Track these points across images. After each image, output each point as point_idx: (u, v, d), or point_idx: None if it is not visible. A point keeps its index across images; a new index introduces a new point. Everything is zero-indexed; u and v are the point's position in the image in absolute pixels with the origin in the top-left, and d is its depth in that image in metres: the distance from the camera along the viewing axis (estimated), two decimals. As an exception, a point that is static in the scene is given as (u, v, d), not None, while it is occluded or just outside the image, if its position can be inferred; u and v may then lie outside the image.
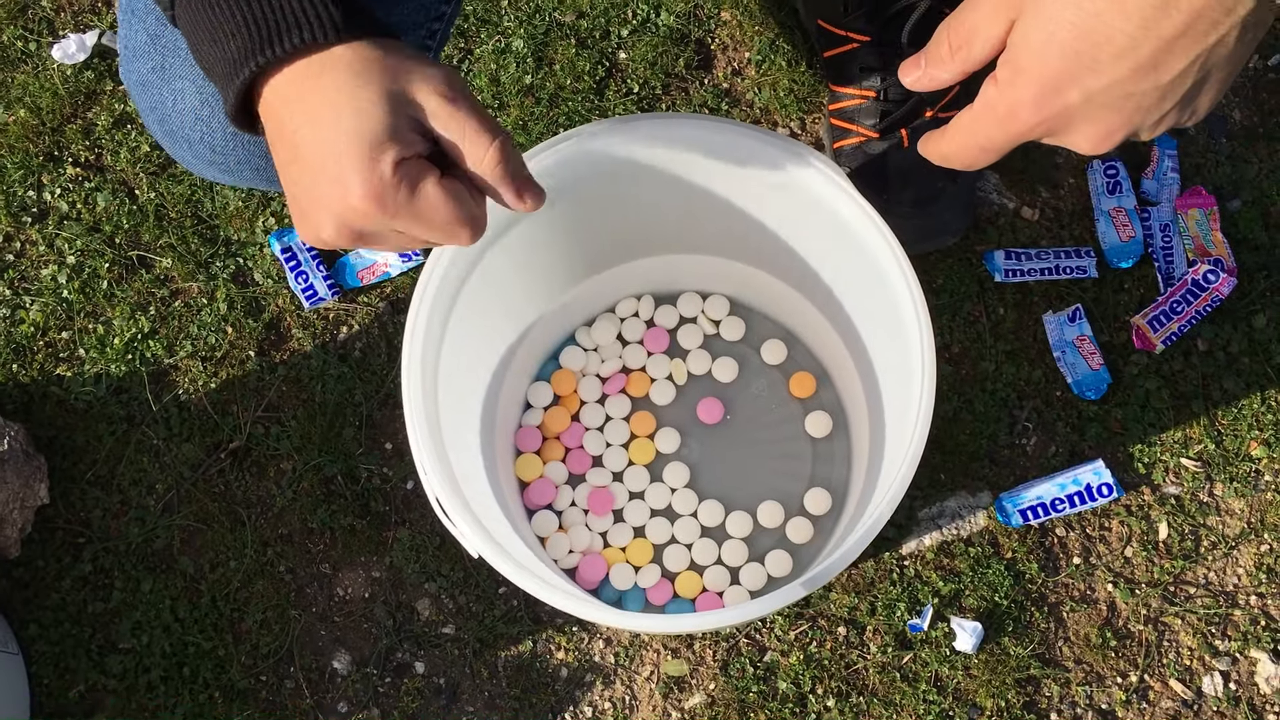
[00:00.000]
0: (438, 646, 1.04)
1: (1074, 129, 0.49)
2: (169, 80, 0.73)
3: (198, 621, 1.05)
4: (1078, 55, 0.46)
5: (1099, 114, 0.48)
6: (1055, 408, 1.08)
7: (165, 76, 0.73)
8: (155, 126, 0.77)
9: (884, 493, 0.77)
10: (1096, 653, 1.03)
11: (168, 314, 1.12)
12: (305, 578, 1.06)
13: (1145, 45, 0.45)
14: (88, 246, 1.13)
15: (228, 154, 0.76)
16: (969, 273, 1.11)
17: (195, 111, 0.74)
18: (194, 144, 0.76)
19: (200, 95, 0.73)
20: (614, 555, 1.04)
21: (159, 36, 0.73)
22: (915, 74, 0.54)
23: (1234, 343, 1.08)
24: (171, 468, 1.08)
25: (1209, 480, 1.06)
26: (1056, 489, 1.04)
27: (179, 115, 0.74)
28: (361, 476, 1.08)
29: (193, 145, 0.76)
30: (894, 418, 0.92)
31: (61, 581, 1.06)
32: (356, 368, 1.10)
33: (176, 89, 0.73)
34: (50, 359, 1.11)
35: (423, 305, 0.82)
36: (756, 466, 1.06)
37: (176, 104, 0.74)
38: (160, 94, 0.74)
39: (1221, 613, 1.04)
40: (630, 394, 1.08)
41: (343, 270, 1.12)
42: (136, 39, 0.74)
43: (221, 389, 1.10)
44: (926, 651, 1.03)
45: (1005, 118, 0.50)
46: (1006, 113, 0.49)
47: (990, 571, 1.04)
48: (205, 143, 0.75)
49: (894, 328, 0.85)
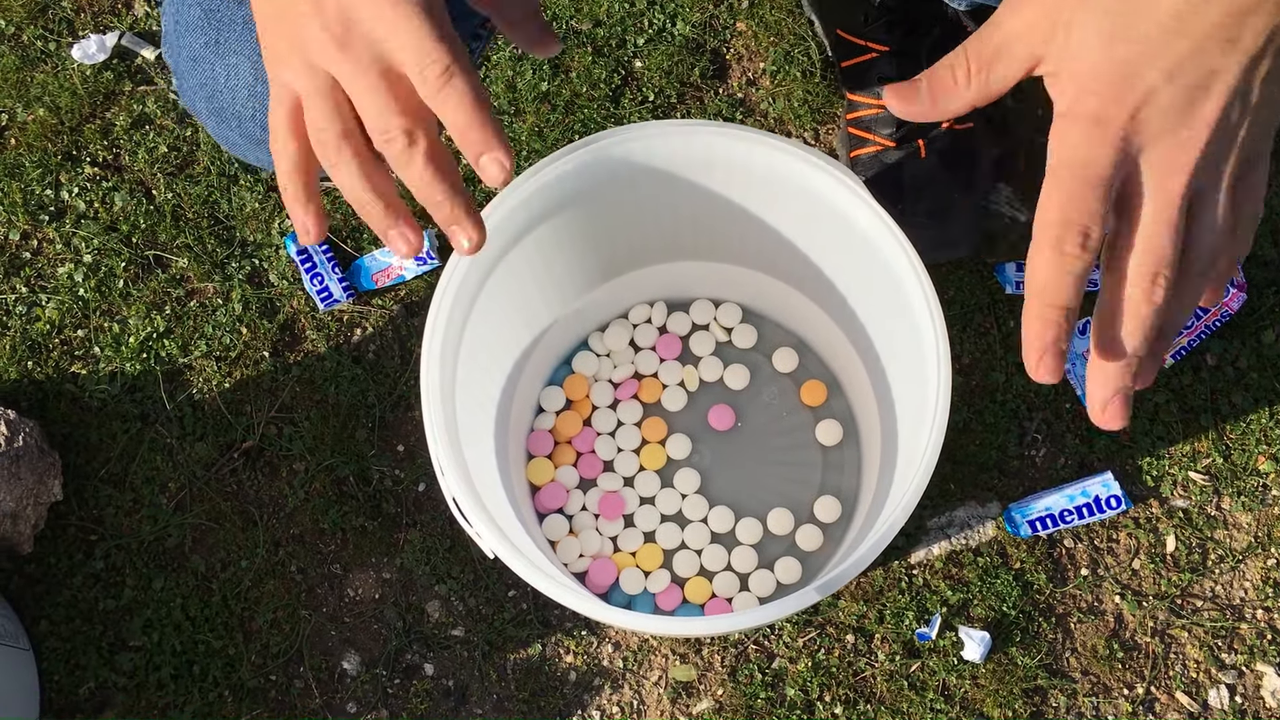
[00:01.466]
0: (447, 648, 1.05)
1: (1161, 130, 0.43)
2: (223, 55, 0.72)
3: (208, 620, 1.05)
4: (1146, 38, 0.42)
5: (1183, 101, 0.43)
6: (1064, 419, 1.09)
7: (219, 51, 0.72)
8: (202, 104, 0.75)
9: (897, 501, 0.78)
10: (1104, 664, 1.03)
11: (183, 313, 1.13)
12: (316, 578, 1.06)
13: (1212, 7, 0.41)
14: (104, 245, 1.14)
15: None
16: (980, 284, 1.11)
17: (250, 87, 0.72)
18: (244, 121, 0.74)
19: (255, 71, 0.72)
20: (624, 560, 1.04)
21: (215, 11, 0.72)
22: (914, 106, 0.48)
23: (1243, 358, 1.09)
24: (184, 466, 1.08)
25: (1217, 494, 1.07)
26: (1065, 500, 1.05)
27: (231, 91, 0.73)
28: (374, 478, 1.08)
29: (243, 123, 0.74)
30: (906, 427, 0.92)
31: (73, 578, 1.06)
32: (370, 370, 1.11)
33: (230, 64, 0.72)
34: (65, 357, 1.12)
35: (442, 307, 0.82)
36: (767, 473, 1.07)
37: (230, 79, 0.73)
38: (213, 69, 0.73)
39: (1228, 626, 1.04)
40: (642, 400, 1.09)
41: (358, 273, 1.12)
42: (189, 14, 0.73)
43: (235, 389, 1.10)
44: (934, 660, 1.03)
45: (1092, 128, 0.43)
46: (1092, 121, 0.43)
47: (998, 582, 1.04)
48: (256, 120, 0.74)
49: (908, 337, 0.86)
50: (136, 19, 1.21)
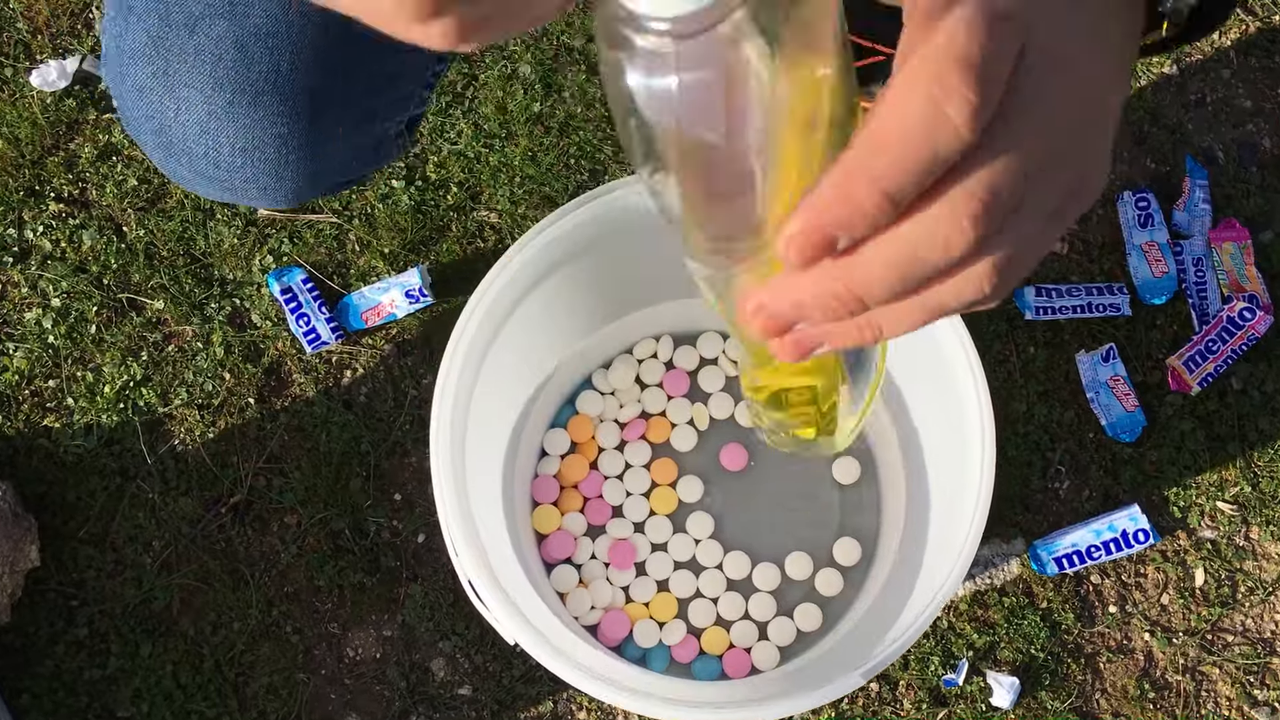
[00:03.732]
0: (454, 709, 1.00)
1: None
2: (173, 88, 0.66)
3: (201, 687, 0.99)
4: None
5: None
6: (1089, 450, 1.05)
7: (169, 84, 0.66)
8: (149, 137, 0.70)
9: (950, 563, 0.74)
10: (1135, 704, 1.00)
11: (161, 359, 1.06)
12: (313, 638, 1.01)
13: None
14: (74, 288, 1.07)
15: (234, 171, 0.69)
16: (998, 310, 1.07)
17: (201, 124, 0.67)
18: (195, 159, 0.69)
19: (208, 106, 0.66)
20: (637, 611, 1.00)
21: (162, 39, 0.66)
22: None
23: (1269, 382, 1.05)
24: (169, 523, 1.02)
25: (1245, 524, 1.04)
26: (1092, 535, 1.01)
27: (181, 127, 0.67)
28: (370, 530, 1.03)
29: (194, 160, 0.69)
30: (936, 464, 0.89)
31: (55, 647, 1.00)
32: (362, 414, 1.05)
33: (181, 97, 0.66)
34: (37, 409, 1.05)
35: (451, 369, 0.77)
36: (783, 515, 1.03)
37: (180, 114, 0.67)
38: (161, 102, 0.67)
39: (1260, 661, 1.01)
40: (650, 440, 1.04)
41: (346, 311, 1.06)
42: (133, 40, 0.67)
43: (220, 439, 1.04)
44: (962, 708, 1.00)
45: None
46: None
47: (1026, 622, 1.01)
48: (209, 158, 0.68)
49: (932, 366, 0.82)
50: (98, 41, 1.13)
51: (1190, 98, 1.13)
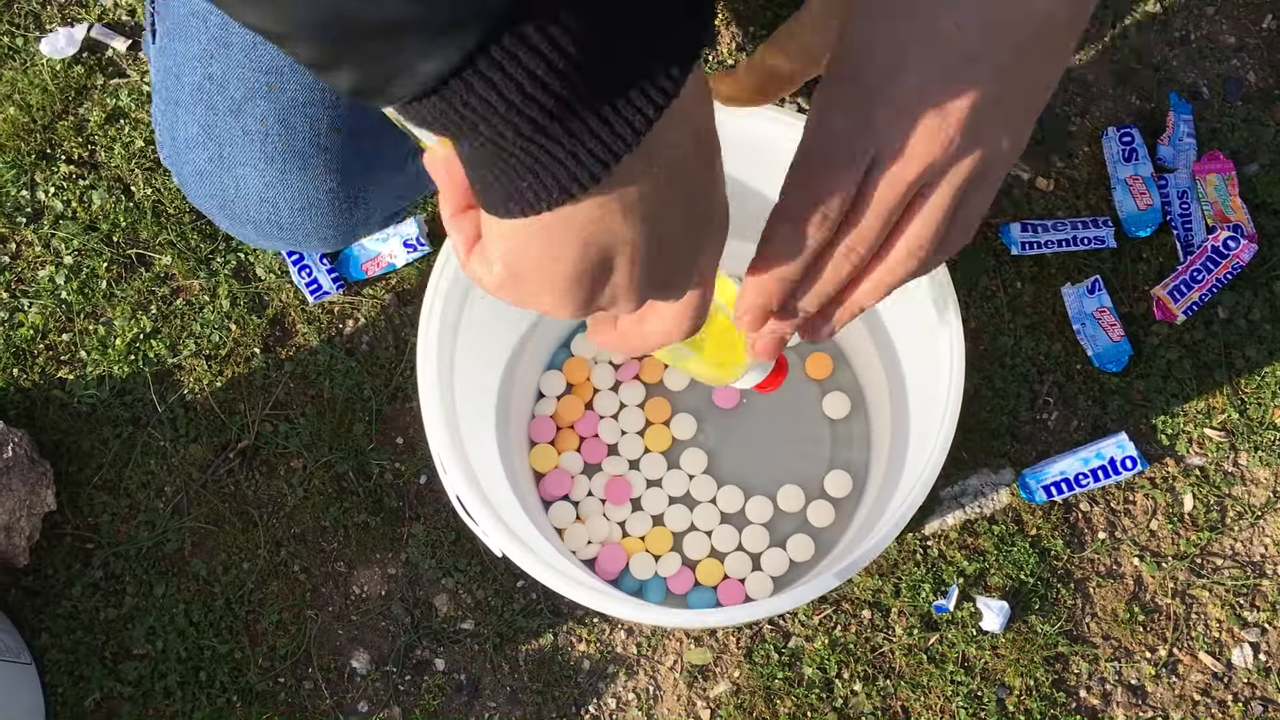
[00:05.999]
0: (457, 642, 1.03)
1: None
2: (229, 168, 0.74)
3: (212, 625, 1.03)
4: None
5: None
6: (1076, 381, 1.06)
7: (224, 164, 0.74)
8: (216, 212, 0.77)
9: (914, 477, 0.76)
10: (1125, 628, 1.02)
11: (169, 312, 1.10)
12: (320, 577, 1.04)
13: None
14: (85, 246, 1.11)
15: (295, 229, 0.77)
16: (985, 246, 1.09)
17: (260, 194, 0.74)
18: (260, 225, 0.76)
19: (263, 179, 0.74)
20: (633, 545, 1.02)
21: (212, 127, 0.73)
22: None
23: (1255, 309, 1.07)
24: (179, 469, 1.06)
25: (1233, 450, 1.05)
26: (1080, 464, 1.03)
27: (243, 200, 0.75)
28: (374, 472, 1.06)
29: (259, 226, 0.76)
30: (917, 396, 0.90)
31: (72, 589, 1.04)
32: (364, 362, 1.08)
33: (238, 175, 0.74)
34: (51, 362, 1.09)
35: (436, 297, 0.80)
36: (775, 450, 1.05)
37: (240, 189, 0.74)
38: (221, 181, 0.74)
39: (1249, 584, 1.02)
40: (644, 380, 1.06)
41: (346, 262, 1.09)
42: (187, 130, 0.74)
43: (227, 388, 1.08)
44: (953, 632, 1.01)
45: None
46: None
47: (1015, 549, 1.03)
48: (272, 222, 0.76)
49: (915, 304, 0.83)
50: (105, 9, 1.17)
51: (1174, 35, 1.14)
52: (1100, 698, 1.01)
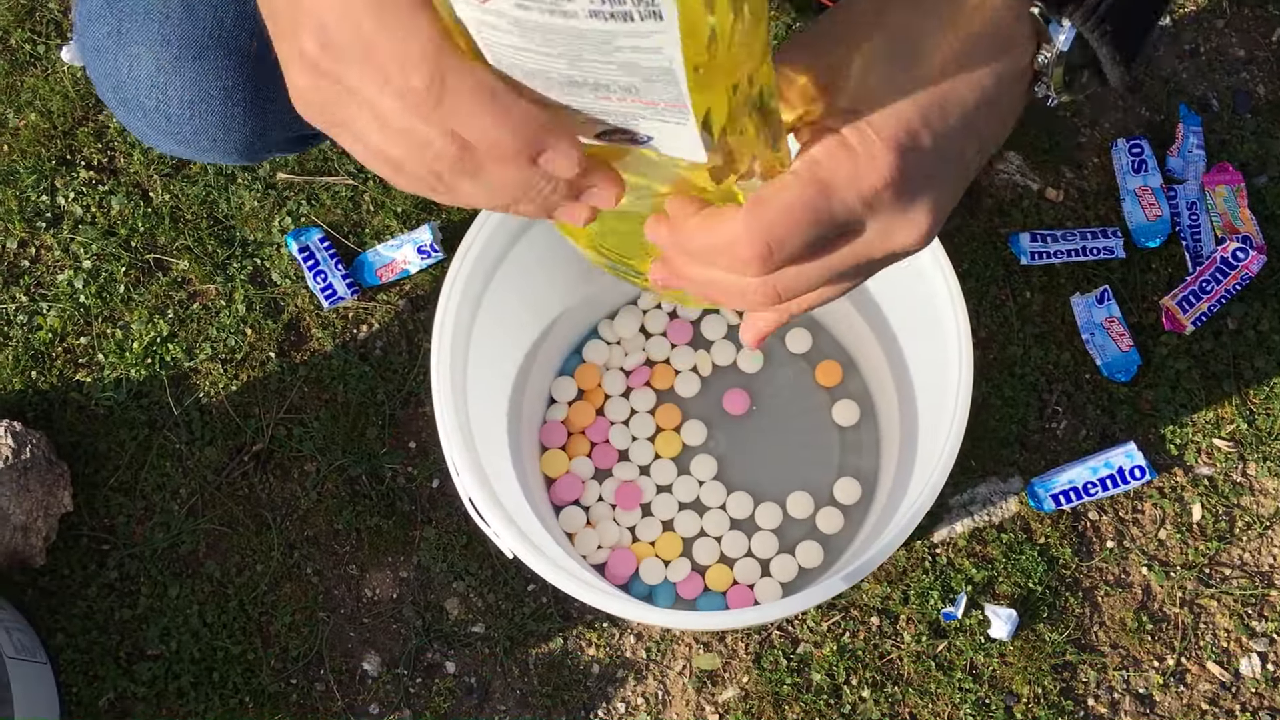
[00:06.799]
0: (468, 645, 1.04)
1: None
2: (125, 45, 0.70)
3: (226, 626, 1.04)
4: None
5: None
6: (1085, 391, 1.07)
7: (121, 41, 0.70)
8: (109, 94, 0.73)
9: (923, 482, 0.76)
10: (1133, 636, 1.02)
11: (186, 316, 1.11)
12: (333, 579, 1.05)
13: None
14: (103, 250, 1.12)
15: (183, 124, 0.72)
16: (994, 256, 1.09)
17: (151, 79, 0.70)
18: (149, 112, 0.72)
19: (156, 61, 0.69)
20: (643, 550, 1.03)
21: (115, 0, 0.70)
22: None
23: (1264, 320, 1.07)
24: (195, 472, 1.07)
25: (1242, 460, 1.05)
26: (1089, 472, 1.03)
27: (134, 82, 0.71)
28: (386, 476, 1.07)
29: (147, 114, 0.72)
30: (926, 403, 0.91)
31: (88, 589, 1.05)
32: (378, 366, 1.09)
33: (132, 54, 0.70)
34: (69, 365, 1.10)
35: (450, 302, 0.81)
36: (784, 457, 1.05)
37: (132, 70, 0.70)
38: (115, 60, 0.70)
39: (1258, 593, 1.03)
40: (655, 387, 1.07)
41: (361, 268, 1.11)
42: (93, 3, 0.71)
43: (242, 391, 1.09)
44: (961, 640, 1.02)
45: None
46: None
47: (1023, 557, 1.03)
48: (160, 112, 0.71)
49: (925, 312, 0.84)
50: None
51: (1184, 47, 1.15)
52: (1108, 706, 1.01)
